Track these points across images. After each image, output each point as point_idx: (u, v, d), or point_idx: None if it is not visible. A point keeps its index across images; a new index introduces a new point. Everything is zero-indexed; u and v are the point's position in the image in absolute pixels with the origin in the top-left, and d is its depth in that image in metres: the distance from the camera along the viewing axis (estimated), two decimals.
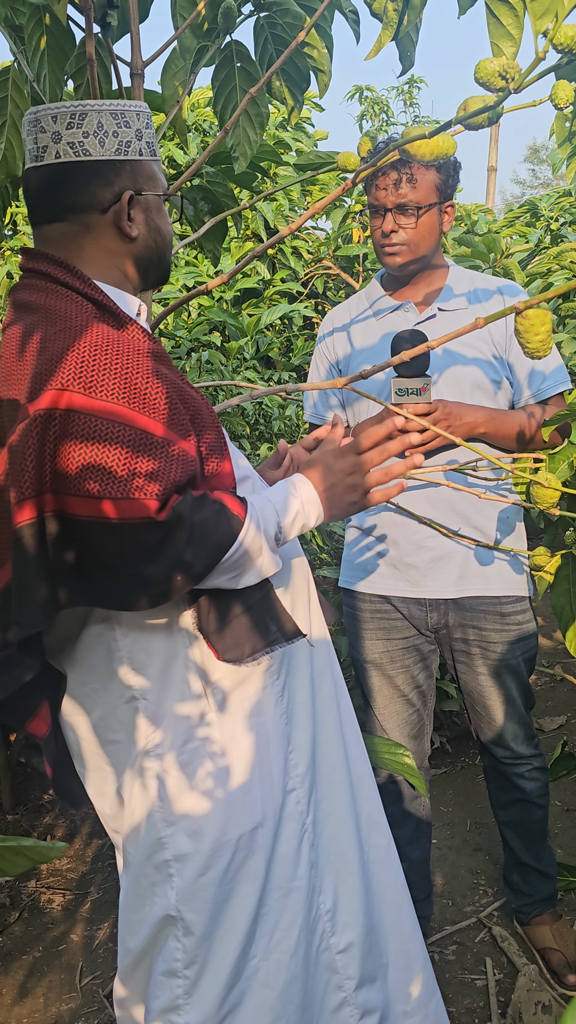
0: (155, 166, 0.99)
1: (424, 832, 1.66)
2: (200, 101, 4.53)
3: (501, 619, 1.50)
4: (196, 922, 0.91)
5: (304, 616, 1.05)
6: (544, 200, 3.96)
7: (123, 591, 0.84)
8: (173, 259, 4.24)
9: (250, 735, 0.94)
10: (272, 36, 1.51)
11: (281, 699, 0.99)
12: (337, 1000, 1.01)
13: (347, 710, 1.10)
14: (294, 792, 0.99)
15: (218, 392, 2.97)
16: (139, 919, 0.95)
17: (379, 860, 1.09)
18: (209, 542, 0.84)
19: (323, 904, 1.01)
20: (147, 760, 0.93)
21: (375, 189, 1.43)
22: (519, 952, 1.66)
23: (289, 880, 0.97)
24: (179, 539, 0.82)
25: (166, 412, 0.84)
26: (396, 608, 1.54)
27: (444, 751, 2.44)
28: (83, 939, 1.84)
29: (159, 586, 0.84)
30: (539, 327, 0.84)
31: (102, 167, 0.93)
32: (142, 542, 0.81)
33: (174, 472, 0.83)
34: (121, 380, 0.83)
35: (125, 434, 0.81)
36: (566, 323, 2.86)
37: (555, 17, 0.71)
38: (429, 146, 0.84)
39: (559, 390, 1.48)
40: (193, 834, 0.92)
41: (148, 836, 0.93)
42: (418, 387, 1.33)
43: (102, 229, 0.95)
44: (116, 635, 0.92)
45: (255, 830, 0.93)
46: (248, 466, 1.04)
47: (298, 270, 4.04)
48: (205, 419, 0.91)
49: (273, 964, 0.94)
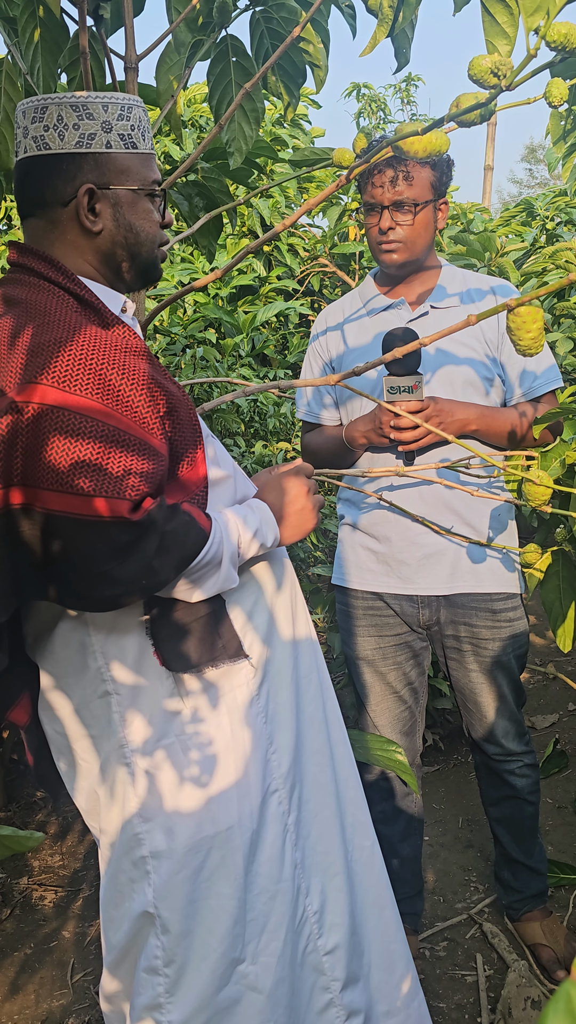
0: (134, 159, 0.95)
1: (416, 829, 1.66)
2: (197, 97, 4.52)
3: (492, 616, 1.50)
4: (173, 920, 0.91)
5: (287, 617, 1.04)
6: (540, 199, 3.96)
7: (88, 590, 0.83)
8: (168, 255, 4.23)
9: (225, 733, 0.94)
10: (268, 31, 1.51)
11: (258, 698, 0.98)
12: (323, 1001, 1.01)
13: (333, 710, 1.10)
14: (276, 793, 0.98)
15: (212, 389, 2.97)
16: (120, 915, 0.94)
17: (363, 860, 1.08)
18: (177, 552, 0.84)
19: (310, 905, 1.01)
20: (121, 755, 0.93)
21: (371, 187, 1.43)
22: (509, 948, 1.67)
23: (275, 883, 0.96)
24: (150, 544, 0.82)
25: (141, 410, 0.84)
26: (388, 605, 1.54)
27: (437, 748, 2.45)
28: (75, 935, 1.85)
29: (124, 588, 0.83)
30: (531, 324, 0.84)
31: (61, 160, 0.92)
32: (112, 541, 0.81)
33: (146, 471, 0.82)
34: (96, 376, 0.82)
35: (98, 430, 0.80)
36: (561, 322, 2.87)
37: (547, 14, 0.71)
38: (422, 143, 0.84)
39: (551, 388, 1.48)
40: (168, 831, 0.91)
41: (125, 832, 0.93)
42: (410, 385, 1.33)
43: (66, 224, 0.94)
44: (90, 630, 0.92)
45: (231, 829, 0.93)
46: (233, 465, 1.04)
47: (294, 267, 4.04)
48: (182, 417, 0.90)
49: (261, 967, 0.94)
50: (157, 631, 0.91)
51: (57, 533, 0.81)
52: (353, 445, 1.49)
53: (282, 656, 1.02)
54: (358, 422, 1.48)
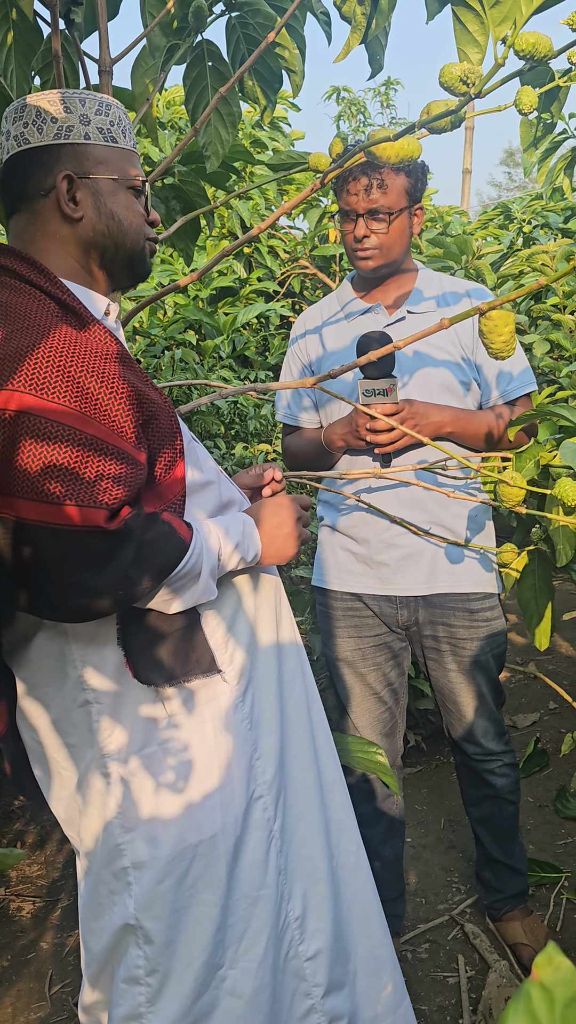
0: (113, 152, 0.96)
1: (397, 831, 1.67)
2: (175, 99, 4.51)
3: (470, 616, 1.51)
4: (156, 930, 0.90)
5: (271, 621, 1.04)
6: (517, 203, 4.00)
7: (63, 600, 0.82)
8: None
9: (208, 741, 0.93)
10: (244, 36, 1.51)
11: (243, 704, 0.97)
12: (304, 1007, 1.00)
13: (319, 715, 1.10)
14: (261, 799, 0.98)
15: (192, 390, 2.96)
16: (100, 927, 0.93)
17: (348, 865, 1.08)
18: (155, 562, 0.84)
19: (292, 911, 1.00)
20: (102, 765, 0.92)
21: (346, 194, 1.44)
22: (491, 948, 1.68)
23: (257, 889, 0.96)
24: (127, 553, 0.81)
25: (118, 418, 0.83)
26: (367, 606, 1.55)
27: (419, 749, 2.46)
28: (53, 947, 1.83)
29: (100, 598, 0.82)
30: (502, 328, 0.85)
31: (41, 152, 0.93)
32: (89, 550, 0.80)
33: (124, 479, 0.82)
34: (73, 383, 0.81)
35: (75, 437, 0.79)
36: (538, 324, 2.90)
37: (513, 24, 0.71)
38: (395, 148, 0.84)
39: (526, 391, 1.50)
40: (151, 841, 0.90)
41: (106, 843, 0.92)
42: (384, 387, 1.34)
43: (47, 213, 0.94)
44: (69, 639, 0.91)
45: (214, 837, 0.92)
46: (217, 470, 1.03)
47: (275, 269, 4.04)
48: (162, 424, 0.90)
49: (241, 972, 0.93)
50: (130, 642, 0.90)
51: (31, 542, 0.80)
52: (332, 447, 1.50)
53: (266, 661, 1.01)
54: (336, 425, 1.48)
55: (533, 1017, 0.31)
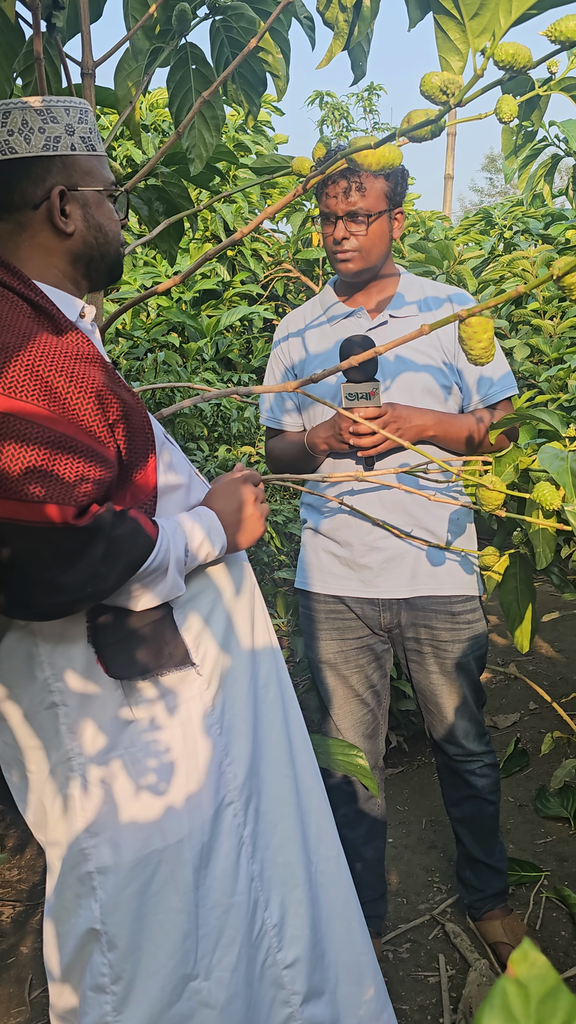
0: (94, 161, 0.97)
1: (379, 832, 1.68)
2: (159, 101, 4.50)
3: (452, 618, 1.52)
4: (120, 936, 0.89)
5: (246, 624, 1.04)
6: (498, 209, 4.04)
7: (32, 597, 0.82)
8: (131, 259, 4.20)
9: (176, 745, 0.93)
10: (228, 39, 1.52)
11: (213, 710, 0.97)
12: (283, 1016, 1.00)
13: (296, 719, 1.09)
14: (231, 805, 0.97)
15: (175, 393, 2.96)
16: (65, 931, 0.93)
17: (328, 871, 1.08)
18: (124, 559, 0.84)
19: (269, 919, 1.00)
20: (68, 768, 0.91)
21: (326, 197, 1.45)
22: (471, 947, 1.69)
23: (229, 896, 0.95)
24: (96, 551, 0.82)
25: (87, 417, 0.83)
26: (350, 608, 1.55)
27: (400, 750, 2.47)
28: (33, 951, 1.81)
29: (69, 595, 0.82)
30: (481, 334, 0.86)
31: (30, 163, 0.93)
32: (58, 547, 0.80)
33: (93, 477, 0.82)
34: (43, 383, 0.82)
35: (44, 436, 0.80)
36: (518, 329, 2.93)
37: (492, 36, 0.73)
38: (375, 156, 0.85)
39: (506, 395, 1.52)
40: (115, 846, 0.90)
41: (72, 847, 0.91)
42: (367, 391, 1.35)
43: (36, 226, 0.94)
44: (37, 640, 0.91)
45: (180, 843, 0.91)
46: (190, 472, 1.03)
47: (258, 272, 4.05)
48: (134, 425, 0.90)
49: (215, 983, 0.93)
50: (100, 638, 0.90)
51: (1, 539, 0.80)
52: (315, 451, 1.50)
53: (240, 664, 1.01)
54: (319, 428, 1.49)
55: (509, 1013, 0.31)
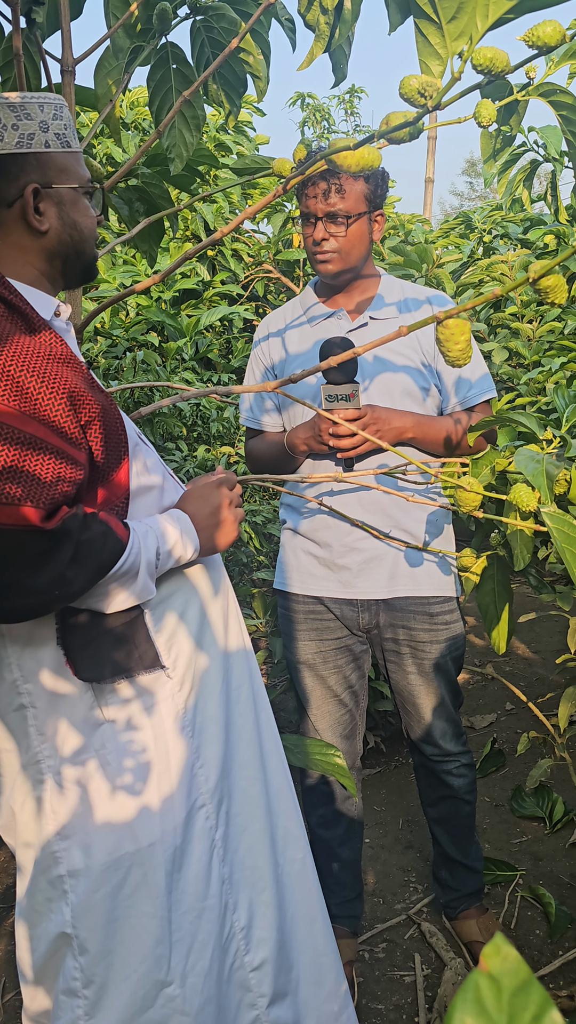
0: (69, 158, 0.96)
1: (356, 832, 1.68)
2: (140, 100, 4.48)
3: (430, 619, 1.53)
4: (91, 940, 0.89)
5: (220, 627, 1.03)
6: (477, 213, 4.08)
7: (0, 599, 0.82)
8: (111, 257, 4.18)
9: (147, 748, 0.92)
10: (209, 40, 1.51)
11: (185, 712, 0.97)
12: (250, 1018, 1.00)
13: (267, 722, 1.09)
14: (204, 808, 0.97)
15: (154, 392, 2.95)
16: (37, 935, 0.92)
17: (294, 873, 1.08)
18: (92, 562, 0.84)
19: (237, 921, 0.99)
20: (38, 771, 0.91)
21: (306, 198, 1.45)
22: (447, 947, 1.70)
23: (202, 900, 0.95)
24: (64, 554, 0.81)
25: (58, 417, 0.83)
26: (328, 609, 1.56)
27: (378, 750, 2.48)
28: (6, 953, 1.79)
29: (37, 598, 0.82)
30: (459, 336, 0.87)
31: (3, 161, 0.92)
32: (25, 550, 0.79)
33: (63, 479, 0.81)
34: (13, 382, 0.81)
35: (13, 436, 0.79)
36: (497, 332, 2.95)
37: (469, 39, 0.73)
38: (355, 158, 0.86)
39: (485, 398, 1.53)
40: (86, 849, 0.89)
41: (43, 850, 0.90)
42: (347, 393, 1.35)
43: (10, 225, 0.93)
44: (5, 642, 0.90)
45: (152, 846, 0.91)
46: (164, 474, 1.03)
47: (238, 272, 4.05)
48: (107, 426, 0.89)
49: (189, 989, 0.92)
50: (70, 640, 0.89)
51: None
52: (294, 451, 1.50)
53: (213, 667, 1.01)
54: (299, 429, 1.49)
55: (481, 1007, 0.31)
